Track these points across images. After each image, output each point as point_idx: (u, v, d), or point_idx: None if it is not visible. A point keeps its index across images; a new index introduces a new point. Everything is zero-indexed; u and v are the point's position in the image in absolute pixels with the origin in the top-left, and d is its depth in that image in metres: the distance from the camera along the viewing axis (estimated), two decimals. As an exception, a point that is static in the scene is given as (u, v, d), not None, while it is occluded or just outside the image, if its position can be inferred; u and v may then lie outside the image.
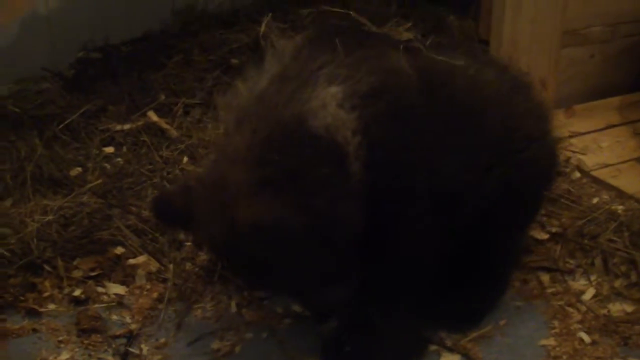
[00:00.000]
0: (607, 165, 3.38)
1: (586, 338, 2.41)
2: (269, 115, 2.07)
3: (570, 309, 2.54)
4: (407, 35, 2.40)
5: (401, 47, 2.27)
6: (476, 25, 3.70)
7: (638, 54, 3.98)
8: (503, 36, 3.57)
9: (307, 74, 2.13)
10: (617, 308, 2.54)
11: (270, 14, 3.47)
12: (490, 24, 3.62)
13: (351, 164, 2.05)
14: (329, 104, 2.06)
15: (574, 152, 3.43)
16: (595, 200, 3.10)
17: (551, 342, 2.41)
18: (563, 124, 3.37)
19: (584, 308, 2.54)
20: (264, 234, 1.92)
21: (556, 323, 2.48)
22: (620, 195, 3.16)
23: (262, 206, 1.93)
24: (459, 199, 2.25)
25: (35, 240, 2.67)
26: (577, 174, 3.27)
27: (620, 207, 3.03)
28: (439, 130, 2.18)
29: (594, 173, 3.30)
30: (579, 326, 2.47)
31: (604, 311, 2.53)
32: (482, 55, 2.66)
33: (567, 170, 3.29)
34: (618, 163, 3.40)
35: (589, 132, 3.62)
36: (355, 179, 2.05)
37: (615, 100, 3.89)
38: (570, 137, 3.53)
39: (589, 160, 3.38)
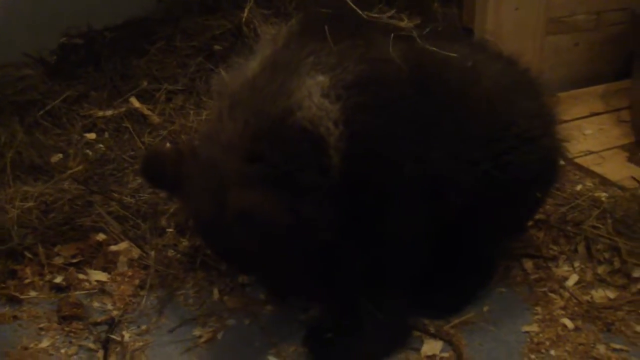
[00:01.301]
0: (590, 153, 3.39)
1: (569, 324, 2.42)
2: (260, 107, 2.08)
3: (554, 295, 2.54)
4: (406, 24, 2.34)
5: (392, 36, 2.23)
6: (460, 12, 3.69)
7: (622, 42, 3.98)
8: (487, 23, 3.57)
9: (296, 62, 2.13)
10: (600, 294, 2.54)
11: (253, 0, 3.46)
12: (474, 11, 3.61)
13: (331, 157, 2.06)
14: (314, 94, 2.06)
15: (557, 139, 3.43)
16: (578, 187, 3.11)
17: (534, 328, 2.41)
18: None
19: (567, 294, 2.54)
20: (249, 226, 1.95)
21: (539, 309, 2.49)
22: (604, 182, 3.17)
23: (250, 200, 1.96)
24: (443, 190, 2.23)
25: (15, 227, 2.65)
26: (561, 161, 3.26)
27: (604, 194, 3.04)
28: (427, 121, 2.16)
29: (577, 160, 3.31)
30: (562, 312, 2.47)
31: (587, 297, 2.53)
32: (490, 48, 2.56)
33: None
34: (602, 150, 3.42)
35: (573, 120, 3.62)
36: (335, 172, 2.06)
37: (599, 89, 3.90)
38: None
39: (573, 148, 3.34)
